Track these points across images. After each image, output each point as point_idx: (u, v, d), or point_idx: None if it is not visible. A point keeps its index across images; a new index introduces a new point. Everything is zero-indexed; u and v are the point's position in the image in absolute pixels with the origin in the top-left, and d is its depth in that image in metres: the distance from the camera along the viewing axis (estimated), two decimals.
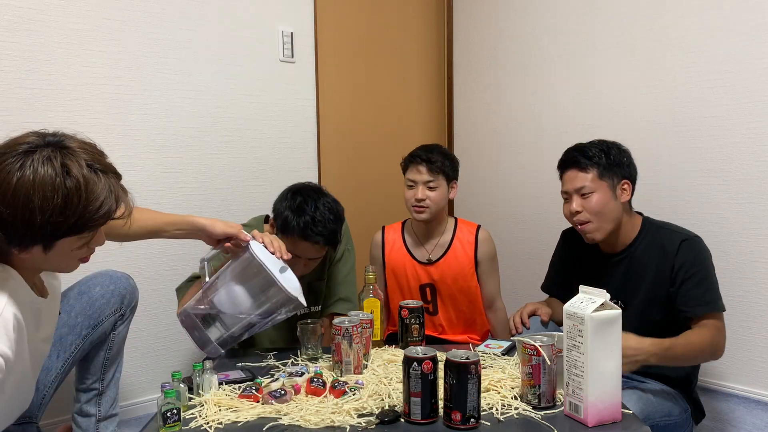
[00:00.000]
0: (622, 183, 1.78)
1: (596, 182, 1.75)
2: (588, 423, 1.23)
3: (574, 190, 1.77)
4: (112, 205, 1.19)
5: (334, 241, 1.82)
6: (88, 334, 1.62)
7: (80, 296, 1.62)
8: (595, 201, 1.74)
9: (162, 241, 2.23)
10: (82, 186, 1.13)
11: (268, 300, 1.56)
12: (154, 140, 2.28)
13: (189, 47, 2.35)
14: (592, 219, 1.75)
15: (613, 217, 1.76)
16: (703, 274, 1.69)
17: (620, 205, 1.77)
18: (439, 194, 2.08)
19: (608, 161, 1.76)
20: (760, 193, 2.21)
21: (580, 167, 1.77)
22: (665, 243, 1.75)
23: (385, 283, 2.21)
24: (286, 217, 1.77)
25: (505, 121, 3.02)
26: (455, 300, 2.15)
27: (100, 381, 1.70)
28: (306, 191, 1.83)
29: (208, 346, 1.55)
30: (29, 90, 2.00)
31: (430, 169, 2.06)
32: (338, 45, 2.84)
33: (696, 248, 1.73)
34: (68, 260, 1.24)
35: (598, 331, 1.23)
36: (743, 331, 2.26)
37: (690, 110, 2.36)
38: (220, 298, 1.57)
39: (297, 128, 2.69)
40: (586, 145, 1.80)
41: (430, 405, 1.25)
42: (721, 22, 2.26)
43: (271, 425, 1.25)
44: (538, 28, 2.86)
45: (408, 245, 2.19)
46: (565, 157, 1.83)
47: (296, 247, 1.75)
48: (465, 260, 2.13)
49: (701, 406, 1.87)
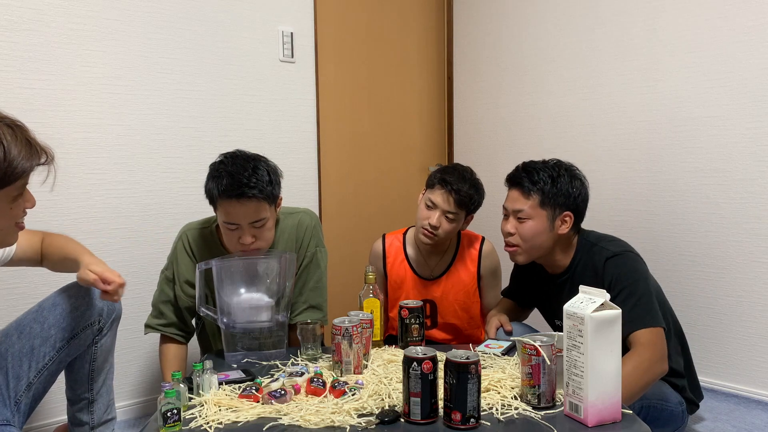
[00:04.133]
0: (563, 215, 1.71)
1: (535, 210, 1.69)
2: (588, 423, 1.23)
3: (512, 211, 1.74)
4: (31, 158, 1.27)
5: (264, 191, 1.67)
6: (63, 347, 1.57)
7: (54, 308, 1.57)
8: (528, 228, 1.70)
9: (159, 244, 2.25)
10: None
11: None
12: (153, 140, 2.28)
13: (189, 47, 2.35)
14: (520, 244, 1.72)
15: (542, 247, 1.72)
16: (628, 290, 1.61)
17: (555, 236, 1.72)
18: (454, 226, 1.97)
19: (553, 189, 1.69)
20: (760, 193, 2.21)
21: (523, 191, 1.71)
22: (595, 262, 1.69)
23: (386, 294, 2.13)
24: (209, 189, 1.70)
25: (505, 121, 3.03)
26: (455, 316, 2.09)
27: (89, 391, 1.67)
28: (223, 156, 1.75)
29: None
30: (29, 90, 2.00)
31: (457, 201, 1.93)
32: (338, 45, 2.84)
33: (620, 264, 1.65)
34: (6, 220, 1.30)
35: (598, 331, 1.23)
36: (743, 331, 2.27)
37: (690, 110, 2.36)
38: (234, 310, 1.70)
39: (297, 128, 2.69)
40: (536, 167, 1.73)
41: (430, 405, 1.25)
42: (721, 22, 2.26)
43: (271, 425, 1.25)
44: (538, 29, 2.86)
45: (410, 259, 2.10)
46: (513, 174, 1.78)
47: (229, 214, 1.68)
48: (468, 276, 2.07)
49: (694, 399, 1.84)
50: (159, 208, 2.31)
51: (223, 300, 1.71)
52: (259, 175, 1.67)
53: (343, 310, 1.72)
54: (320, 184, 2.79)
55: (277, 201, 1.77)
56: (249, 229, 1.70)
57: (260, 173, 1.68)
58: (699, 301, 2.36)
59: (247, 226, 1.69)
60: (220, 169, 1.69)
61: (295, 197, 2.62)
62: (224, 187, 1.65)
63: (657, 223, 2.47)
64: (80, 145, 2.12)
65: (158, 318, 1.85)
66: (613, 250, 1.68)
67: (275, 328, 1.73)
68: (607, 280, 1.64)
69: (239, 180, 1.64)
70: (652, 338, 1.55)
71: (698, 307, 2.36)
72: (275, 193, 1.73)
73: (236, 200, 1.65)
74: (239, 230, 1.70)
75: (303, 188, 2.71)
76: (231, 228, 1.70)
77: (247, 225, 1.69)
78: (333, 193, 2.87)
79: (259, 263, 1.74)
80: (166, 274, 1.87)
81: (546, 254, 1.75)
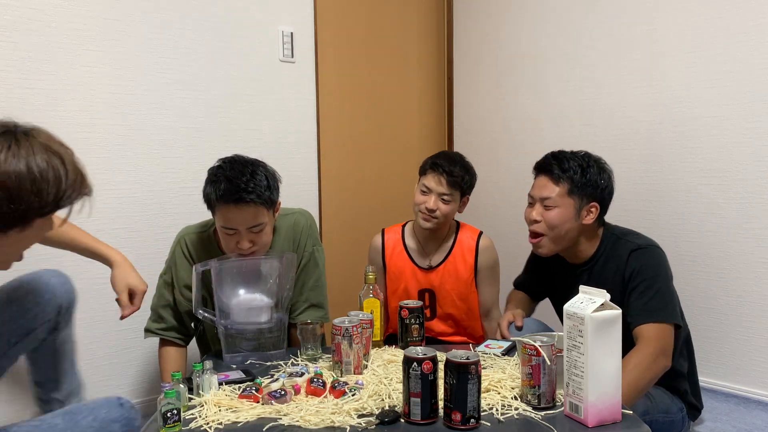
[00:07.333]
0: (590, 205, 1.72)
1: (563, 198, 1.70)
2: (588, 423, 1.23)
3: (539, 198, 1.74)
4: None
5: (262, 196, 1.66)
6: (18, 341, 1.54)
7: (9, 304, 1.52)
8: (555, 215, 1.70)
9: (159, 244, 2.24)
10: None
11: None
12: (153, 140, 2.28)
13: (189, 47, 2.35)
14: (546, 232, 1.72)
15: (566, 236, 1.73)
16: (648, 282, 1.62)
17: (580, 225, 1.73)
18: (451, 208, 2.02)
19: (583, 179, 1.70)
20: (760, 193, 2.21)
21: (552, 177, 1.72)
22: (620, 254, 1.70)
23: (385, 287, 2.17)
24: (207, 194, 1.70)
25: (505, 121, 3.03)
26: (454, 306, 2.12)
27: (54, 371, 1.65)
28: (221, 161, 1.74)
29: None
30: (29, 90, 2.00)
31: (450, 182, 1.98)
32: (338, 45, 2.84)
33: (645, 257, 1.67)
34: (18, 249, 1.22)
35: (598, 331, 1.23)
36: (743, 331, 2.26)
37: (690, 110, 2.36)
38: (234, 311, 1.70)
39: (297, 128, 2.69)
40: (566, 156, 1.74)
41: (430, 405, 1.25)
42: (720, 22, 2.26)
43: (271, 425, 1.25)
44: (537, 29, 2.86)
45: (409, 250, 2.15)
46: (542, 161, 1.78)
47: (227, 219, 1.67)
48: (464, 267, 2.10)
49: (696, 404, 1.86)
50: (159, 208, 2.31)
51: (222, 301, 1.71)
52: (257, 180, 1.67)
53: (343, 310, 1.72)
54: (320, 184, 2.79)
55: (276, 206, 1.77)
56: (247, 234, 1.70)
57: (258, 178, 1.67)
58: (699, 301, 2.36)
59: (245, 231, 1.69)
60: (218, 174, 1.69)
61: (295, 197, 2.62)
62: (222, 192, 1.65)
63: (657, 223, 2.46)
64: (80, 145, 2.08)
65: (157, 322, 1.85)
66: (639, 243, 1.70)
67: (275, 328, 1.73)
68: (629, 271, 1.65)
69: (237, 185, 1.64)
70: (657, 333, 1.55)
71: (698, 307, 2.36)
72: (273, 198, 1.73)
73: (234, 205, 1.65)
74: (237, 235, 1.70)
75: (303, 188, 2.71)
76: (229, 233, 1.70)
77: (245, 230, 1.69)
78: (333, 193, 2.87)
79: (258, 264, 1.74)
80: (164, 278, 1.87)
81: (570, 245, 1.76)
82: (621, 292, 1.64)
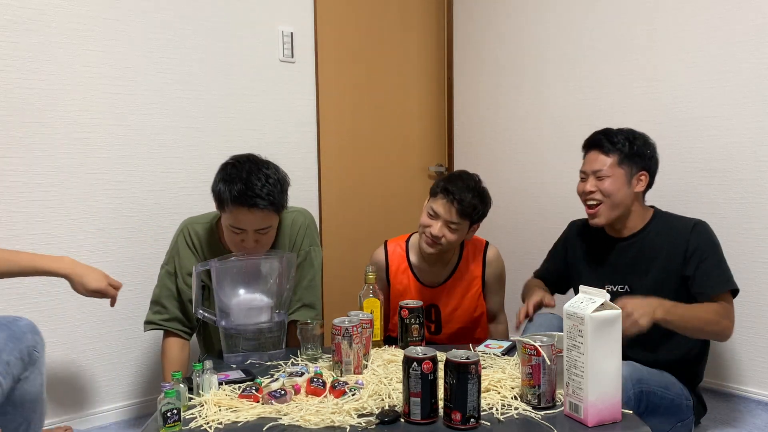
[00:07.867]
0: (639, 173, 1.82)
1: (614, 168, 1.80)
2: (588, 423, 1.23)
3: (591, 171, 1.83)
4: None
5: (275, 203, 1.69)
6: None
7: None
8: (609, 183, 1.80)
9: (159, 244, 2.24)
10: None
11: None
12: (153, 140, 2.28)
13: (189, 47, 2.35)
14: (603, 200, 1.80)
15: (622, 203, 1.81)
16: (719, 255, 1.76)
17: (632, 193, 1.82)
18: (457, 236, 1.90)
19: (631, 150, 1.81)
20: (760, 193, 2.21)
21: (603, 150, 1.82)
22: (678, 227, 1.81)
23: (388, 302, 2.05)
24: (219, 190, 1.70)
25: (505, 122, 3.03)
26: (461, 320, 2.06)
27: None
28: (236, 160, 1.75)
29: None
30: (29, 90, 2.00)
31: (459, 211, 1.85)
32: (338, 45, 2.84)
33: (708, 231, 1.79)
34: None
35: (598, 331, 1.23)
36: (743, 331, 2.26)
37: (690, 110, 2.36)
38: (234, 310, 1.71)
39: (297, 128, 2.69)
40: (613, 131, 1.85)
41: (430, 405, 1.25)
42: (721, 22, 2.26)
43: (271, 425, 1.25)
44: (537, 29, 2.86)
45: (413, 268, 2.05)
46: (591, 138, 1.89)
47: (238, 220, 1.69)
48: (472, 282, 2.04)
49: (704, 403, 1.88)
50: (159, 208, 2.31)
51: (222, 301, 1.71)
52: (271, 185, 1.69)
53: (343, 310, 1.72)
54: (320, 184, 2.79)
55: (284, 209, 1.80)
56: (253, 235, 1.73)
57: (272, 183, 1.70)
58: None
59: (252, 232, 1.72)
60: (233, 174, 1.70)
61: (295, 197, 2.59)
62: (237, 194, 1.66)
63: None
64: (80, 145, 2.12)
65: (160, 313, 1.85)
66: (695, 219, 1.81)
67: (275, 328, 1.74)
68: (694, 244, 1.75)
69: (252, 189, 1.66)
70: (731, 307, 1.72)
71: None
72: (284, 203, 1.77)
73: (247, 209, 1.67)
74: (243, 234, 1.72)
75: (303, 188, 2.71)
76: (236, 232, 1.72)
77: (253, 231, 1.72)
78: (333, 193, 2.87)
79: (258, 264, 1.75)
80: (167, 268, 1.87)
81: (625, 213, 1.83)
82: (679, 263, 1.76)
